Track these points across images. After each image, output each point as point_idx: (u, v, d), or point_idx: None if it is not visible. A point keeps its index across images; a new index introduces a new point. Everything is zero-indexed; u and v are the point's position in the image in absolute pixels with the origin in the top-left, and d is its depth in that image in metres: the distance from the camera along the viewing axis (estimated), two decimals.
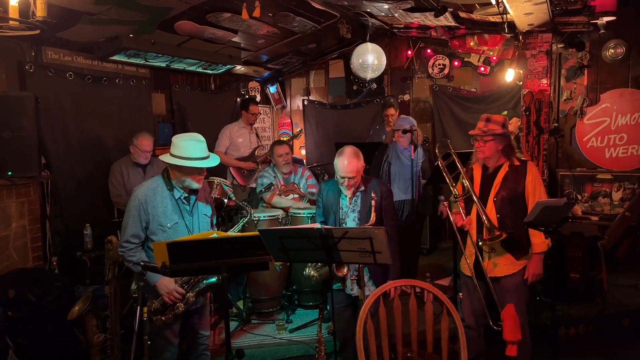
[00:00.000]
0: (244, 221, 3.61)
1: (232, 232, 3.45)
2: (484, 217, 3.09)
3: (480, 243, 3.18)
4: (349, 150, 3.22)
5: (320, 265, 3.22)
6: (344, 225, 3.25)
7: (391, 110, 5.79)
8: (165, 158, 2.93)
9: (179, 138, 2.96)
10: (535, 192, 3.12)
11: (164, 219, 2.90)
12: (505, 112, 5.79)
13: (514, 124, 5.67)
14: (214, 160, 2.97)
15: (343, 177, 3.18)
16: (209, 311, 3.46)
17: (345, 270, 3.09)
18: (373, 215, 3.12)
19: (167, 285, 2.87)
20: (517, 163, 3.21)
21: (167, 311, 2.91)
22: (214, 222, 3.29)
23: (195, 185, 2.94)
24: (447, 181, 3.35)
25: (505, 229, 3.10)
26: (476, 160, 3.36)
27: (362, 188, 3.27)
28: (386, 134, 5.89)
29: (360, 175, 3.24)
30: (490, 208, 3.19)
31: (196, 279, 2.96)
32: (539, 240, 3.10)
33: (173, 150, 2.91)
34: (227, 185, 3.78)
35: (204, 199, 3.13)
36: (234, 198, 3.31)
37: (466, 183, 3.24)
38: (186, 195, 3.00)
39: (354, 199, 3.28)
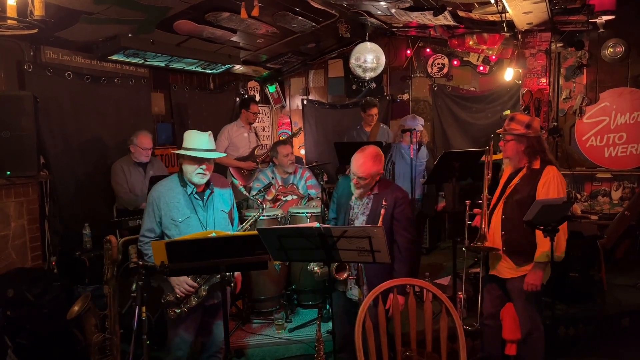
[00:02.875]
0: (255, 216, 3.51)
1: (243, 227, 3.40)
2: (484, 224, 3.06)
3: (469, 244, 3.17)
4: (370, 150, 3.11)
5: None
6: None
7: (375, 110, 5.79)
8: (177, 151, 3.06)
9: (187, 131, 3.06)
10: (548, 196, 2.96)
11: (176, 213, 2.98)
12: (508, 112, 5.79)
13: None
14: (214, 154, 3.01)
15: (353, 175, 3.10)
16: None
17: (346, 274, 3.05)
18: (379, 224, 2.97)
19: (179, 277, 2.89)
20: (536, 166, 3.09)
21: (181, 304, 2.93)
22: (236, 219, 3.31)
23: (197, 178, 2.96)
24: (484, 180, 3.26)
25: (508, 231, 3.09)
26: (507, 162, 3.29)
27: (376, 192, 3.15)
28: (367, 135, 5.87)
29: (372, 179, 3.10)
30: (499, 209, 3.17)
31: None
32: (540, 250, 2.98)
33: (182, 144, 3.02)
34: (237, 181, 3.75)
35: (221, 195, 3.15)
36: (245, 192, 3.32)
37: (485, 186, 3.19)
38: (199, 190, 3.04)
39: (365, 200, 3.17)
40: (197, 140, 2.97)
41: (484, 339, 3.51)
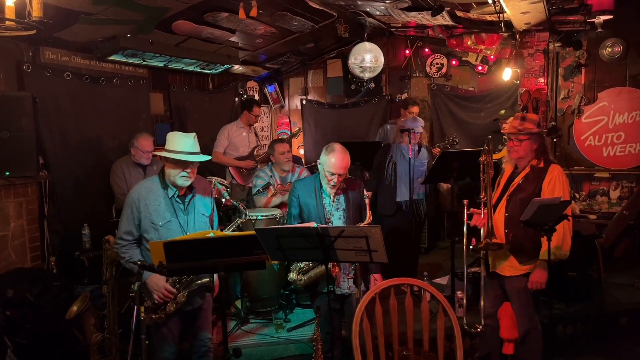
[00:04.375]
0: (239, 221, 3.58)
1: (227, 232, 3.42)
2: (488, 223, 3.03)
3: (477, 243, 3.16)
4: (340, 146, 3.19)
5: (305, 268, 3.19)
6: (330, 224, 3.20)
7: (417, 108, 5.80)
8: (160, 152, 3.01)
9: (170, 133, 3.00)
10: (553, 194, 2.97)
11: (156, 216, 2.91)
12: (503, 112, 5.79)
13: (510, 123, 5.65)
14: (200, 157, 2.95)
15: (334, 174, 3.12)
16: None
17: (337, 269, 3.08)
18: (369, 213, 3.09)
19: (157, 282, 2.85)
20: (541, 165, 3.12)
21: (159, 310, 2.89)
22: (216, 221, 3.27)
23: (180, 181, 2.91)
24: (481, 181, 3.22)
25: (512, 230, 3.09)
26: (508, 160, 3.29)
27: (344, 186, 3.25)
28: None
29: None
30: (502, 206, 3.17)
31: (188, 279, 2.94)
32: (543, 247, 2.98)
33: (165, 146, 2.95)
34: (223, 184, 3.76)
35: (202, 198, 3.10)
36: (228, 197, 3.28)
37: (488, 188, 3.15)
38: (180, 193, 3.00)
39: (337, 197, 3.26)
40: (181, 143, 2.89)
41: (481, 339, 3.52)
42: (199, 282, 2.95)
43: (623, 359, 4.02)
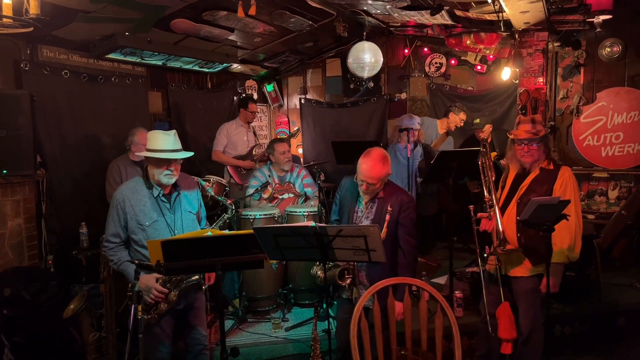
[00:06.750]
0: (225, 217, 3.58)
1: (215, 228, 3.42)
2: (500, 229, 2.99)
3: (492, 250, 3.14)
4: (377, 152, 2.99)
5: (328, 266, 3.16)
6: None
7: (462, 115, 5.78)
8: (141, 152, 3.00)
9: (150, 132, 3.01)
10: (565, 197, 2.91)
11: (143, 217, 2.91)
12: (478, 120, 5.77)
13: (487, 131, 5.66)
14: (182, 154, 2.95)
15: (362, 181, 2.98)
16: (206, 309, 3.44)
17: (349, 280, 3.03)
18: (385, 230, 2.88)
19: (147, 283, 2.85)
20: (551, 167, 3.11)
21: (151, 310, 2.89)
22: (203, 219, 3.27)
23: (165, 179, 2.91)
24: (482, 183, 3.19)
25: (524, 232, 3.06)
26: (515, 162, 3.25)
27: (381, 196, 3.05)
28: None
29: (382, 183, 3.02)
30: (512, 208, 3.16)
31: (178, 278, 2.94)
32: (555, 250, 2.98)
33: (147, 145, 2.96)
34: (204, 182, 3.75)
35: (188, 195, 3.10)
36: (212, 193, 3.29)
37: (491, 190, 3.12)
38: (165, 192, 2.99)
39: (370, 204, 3.09)
40: (162, 141, 2.90)
41: (480, 338, 3.52)
42: (190, 280, 2.94)
43: (621, 359, 4.02)
